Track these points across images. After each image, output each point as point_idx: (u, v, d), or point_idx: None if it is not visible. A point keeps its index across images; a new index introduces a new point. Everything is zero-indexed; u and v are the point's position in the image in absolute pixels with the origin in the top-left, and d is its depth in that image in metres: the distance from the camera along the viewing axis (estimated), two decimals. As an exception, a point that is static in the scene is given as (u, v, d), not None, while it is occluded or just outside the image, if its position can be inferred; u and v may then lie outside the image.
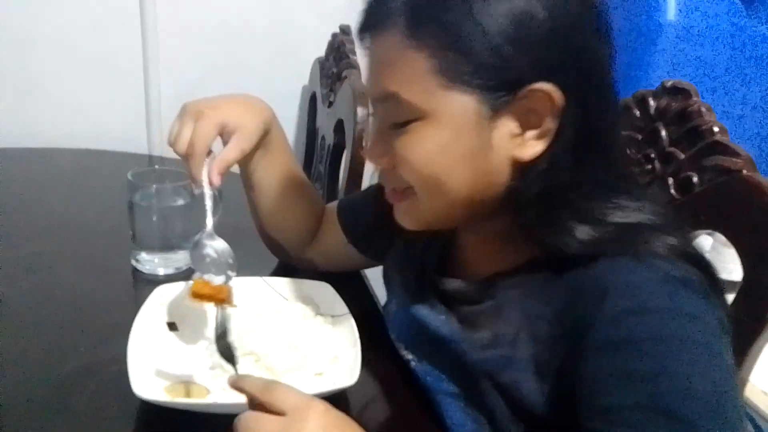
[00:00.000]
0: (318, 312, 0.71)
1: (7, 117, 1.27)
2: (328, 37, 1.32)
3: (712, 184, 0.63)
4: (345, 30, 1.23)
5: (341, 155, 1.17)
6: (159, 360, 0.62)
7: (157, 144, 1.39)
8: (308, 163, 1.41)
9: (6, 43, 1.24)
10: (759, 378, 0.75)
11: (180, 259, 0.86)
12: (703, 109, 0.66)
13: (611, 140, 0.54)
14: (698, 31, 0.83)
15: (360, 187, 1.03)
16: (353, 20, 1.33)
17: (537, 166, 0.50)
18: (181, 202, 0.85)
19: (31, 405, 0.59)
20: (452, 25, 0.47)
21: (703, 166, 0.64)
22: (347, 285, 0.78)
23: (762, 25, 1.00)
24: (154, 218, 0.84)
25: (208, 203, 0.64)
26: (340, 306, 0.70)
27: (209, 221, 0.64)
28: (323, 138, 1.26)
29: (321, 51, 1.35)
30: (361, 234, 0.78)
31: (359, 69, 1.11)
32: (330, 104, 1.20)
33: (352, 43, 1.18)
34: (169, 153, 1.35)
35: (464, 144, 0.50)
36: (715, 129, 0.64)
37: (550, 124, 0.49)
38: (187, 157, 0.64)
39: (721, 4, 0.94)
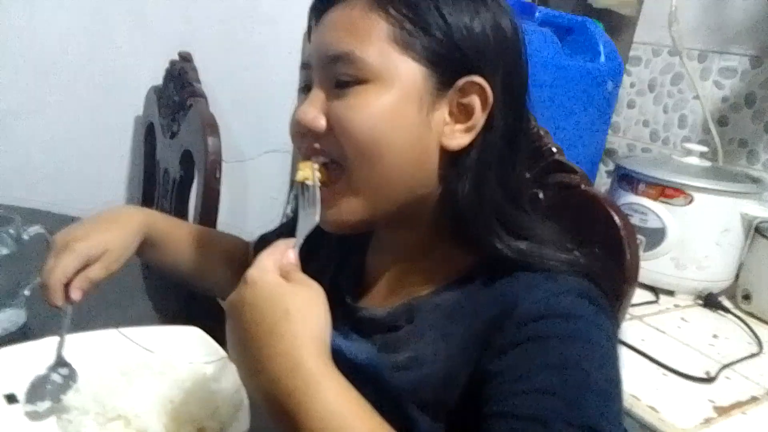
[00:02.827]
0: (190, 360, 0.65)
1: None
2: (163, 65, 1.24)
3: (555, 198, 0.70)
4: (185, 57, 1.17)
5: (189, 188, 1.10)
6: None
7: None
8: (149, 198, 1.30)
9: None
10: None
11: (4, 319, 0.73)
12: (542, 132, 0.73)
13: (523, 148, 0.58)
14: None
15: (215, 220, 0.98)
16: (191, 47, 1.28)
17: (467, 157, 0.53)
18: (4, 251, 0.73)
19: None
20: (416, 5, 0.52)
21: (547, 182, 0.71)
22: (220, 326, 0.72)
23: (575, 58, 1.15)
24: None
25: (65, 322, 0.64)
26: (214, 350, 0.65)
27: (62, 344, 0.63)
28: (166, 171, 1.17)
29: (155, 79, 1.27)
30: None
31: (206, 98, 1.06)
32: (173, 135, 1.13)
33: (195, 70, 1.13)
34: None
35: (407, 112, 0.52)
36: (554, 149, 0.72)
37: (479, 119, 0.53)
38: (43, 288, 0.64)
39: (540, 37, 1.06)
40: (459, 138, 0.53)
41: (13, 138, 1.20)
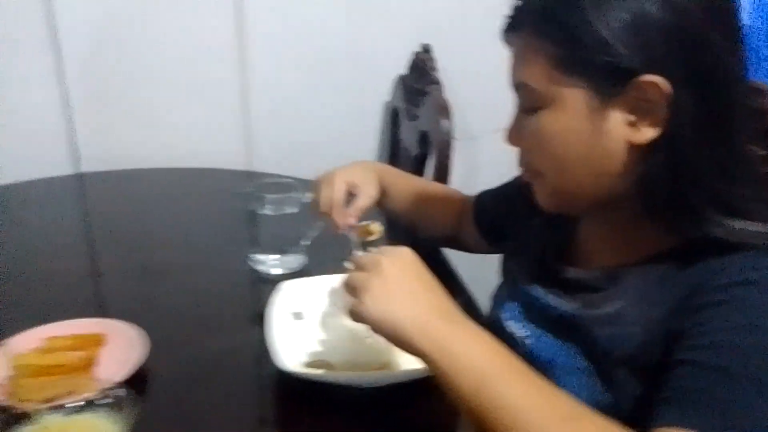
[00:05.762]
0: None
1: (112, 140, 1.43)
2: (408, 56, 1.42)
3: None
4: (426, 48, 1.33)
5: (423, 164, 1.26)
6: (290, 343, 0.72)
7: (254, 160, 1.54)
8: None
9: (112, 71, 1.40)
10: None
11: (291, 261, 0.98)
12: (763, 88, 0.68)
13: (733, 126, 0.56)
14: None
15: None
16: (432, 39, 1.43)
17: (657, 149, 0.54)
18: (291, 210, 0.97)
19: (184, 381, 0.72)
20: (569, 26, 0.54)
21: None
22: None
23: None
24: (272, 224, 0.96)
25: (352, 237, 0.87)
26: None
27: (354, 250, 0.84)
28: (406, 149, 1.35)
29: (400, 68, 1.46)
30: (488, 224, 0.92)
31: (441, 84, 1.20)
32: (413, 118, 1.30)
33: (433, 61, 1.27)
34: (267, 168, 1.50)
35: (579, 130, 0.57)
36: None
37: (662, 112, 0.53)
38: (329, 212, 0.88)
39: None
40: (646, 133, 0.54)
41: (290, 118, 1.52)
